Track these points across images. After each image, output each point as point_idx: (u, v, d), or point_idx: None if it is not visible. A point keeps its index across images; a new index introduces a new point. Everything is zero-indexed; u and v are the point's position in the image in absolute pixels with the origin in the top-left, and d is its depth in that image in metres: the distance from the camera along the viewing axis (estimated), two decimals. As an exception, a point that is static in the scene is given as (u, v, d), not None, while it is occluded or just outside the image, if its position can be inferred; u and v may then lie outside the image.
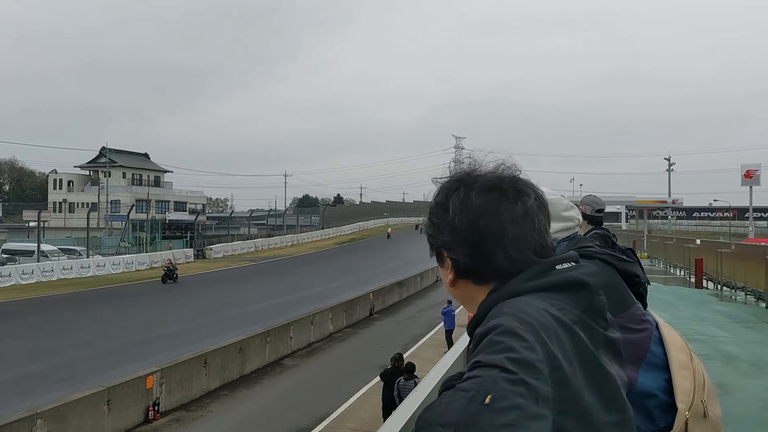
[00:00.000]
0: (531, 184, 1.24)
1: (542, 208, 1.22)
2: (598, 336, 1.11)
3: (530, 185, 1.23)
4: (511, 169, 1.24)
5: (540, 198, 1.23)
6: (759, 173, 47.36)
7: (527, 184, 1.23)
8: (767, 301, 15.67)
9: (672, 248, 29.68)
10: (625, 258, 1.99)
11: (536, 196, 1.22)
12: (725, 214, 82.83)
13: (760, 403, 7.15)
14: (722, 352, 9.96)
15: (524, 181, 1.23)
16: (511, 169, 1.24)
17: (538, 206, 1.21)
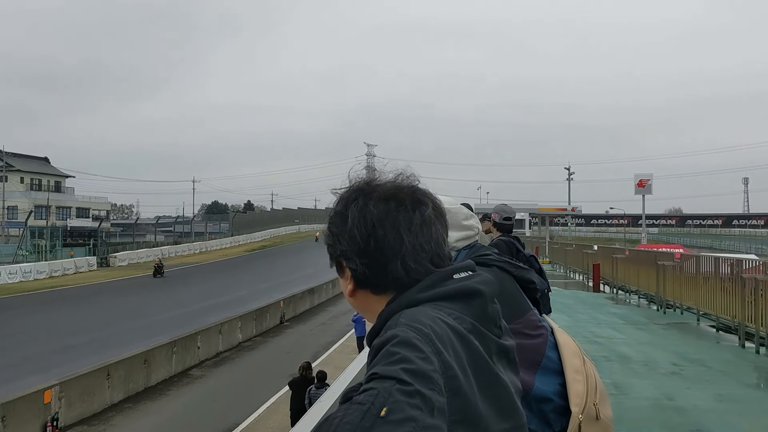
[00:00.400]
0: (429, 193, 1.24)
1: (440, 217, 1.22)
2: (492, 344, 1.12)
3: (428, 195, 1.23)
4: (410, 178, 1.25)
5: (438, 208, 1.23)
6: (651, 183, 50.10)
7: (425, 194, 1.23)
8: (658, 303, 16.61)
9: (572, 254, 30.94)
10: (522, 266, 2.04)
11: (434, 206, 1.22)
12: (620, 221, 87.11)
13: (650, 401, 7.59)
14: (618, 353, 10.52)
15: (422, 191, 1.23)
16: (410, 178, 1.25)
17: (435, 216, 1.21)
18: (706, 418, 6.94)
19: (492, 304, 1.17)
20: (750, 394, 8.20)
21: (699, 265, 14.42)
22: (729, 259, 13.25)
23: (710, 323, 13.38)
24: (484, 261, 1.95)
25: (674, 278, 15.54)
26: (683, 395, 7.83)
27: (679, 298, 15.33)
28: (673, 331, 13.19)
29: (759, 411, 7.36)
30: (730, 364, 9.82)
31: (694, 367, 9.50)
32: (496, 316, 1.17)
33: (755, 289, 11.05)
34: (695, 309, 14.18)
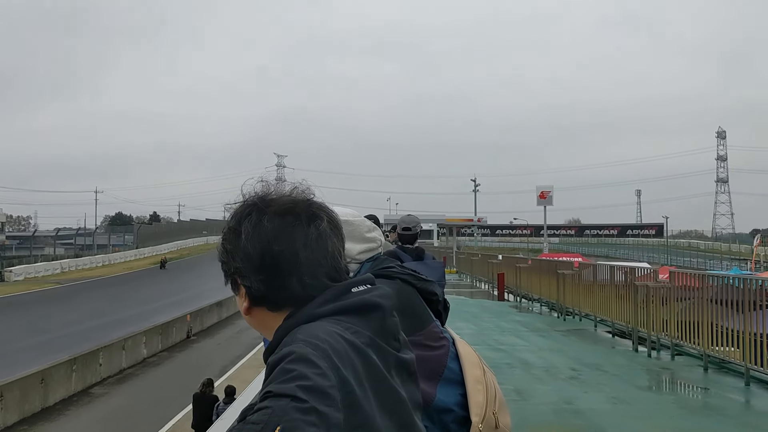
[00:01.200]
0: (325, 207, 1.23)
1: (336, 231, 1.22)
2: (391, 357, 1.12)
3: (324, 208, 1.22)
4: (305, 192, 1.23)
5: (333, 221, 1.22)
6: (552, 194, 52.19)
7: (321, 208, 1.22)
8: (558, 310, 17.32)
9: (477, 264, 31.75)
10: (425, 278, 2.03)
11: (329, 219, 1.21)
12: (524, 231, 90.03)
13: (551, 406, 7.90)
14: (520, 360, 10.90)
15: (318, 205, 1.22)
16: (305, 192, 1.23)
17: (331, 229, 1.20)
18: (602, 420, 7.32)
19: (390, 317, 1.17)
20: (642, 395, 8.70)
21: (595, 273, 15.16)
22: (623, 267, 14.02)
23: (606, 329, 14.08)
24: (387, 273, 1.95)
25: (573, 286, 16.26)
26: (581, 399, 8.23)
27: (577, 305, 16.05)
28: (572, 337, 13.79)
29: (650, 411, 7.82)
30: (624, 367, 10.39)
31: (591, 371, 9.99)
32: (394, 329, 1.17)
33: (646, 295, 11.74)
34: (593, 315, 14.87)
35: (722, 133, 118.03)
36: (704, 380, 9.37)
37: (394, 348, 1.15)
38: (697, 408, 8.21)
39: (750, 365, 8.65)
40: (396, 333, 1.17)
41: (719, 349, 9.63)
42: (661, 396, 9.12)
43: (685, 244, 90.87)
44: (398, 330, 1.19)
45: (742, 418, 7.55)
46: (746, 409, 8.02)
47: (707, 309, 9.81)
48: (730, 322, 9.35)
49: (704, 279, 10.55)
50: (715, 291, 10.14)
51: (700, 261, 65.45)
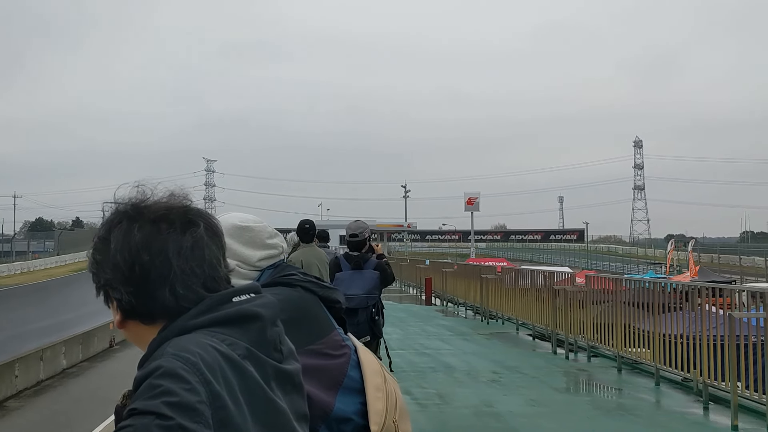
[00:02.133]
0: (203, 213, 1.18)
1: (214, 238, 1.16)
2: (270, 369, 1.09)
3: (202, 214, 1.17)
4: (181, 198, 1.17)
5: (212, 228, 1.17)
6: (479, 200, 53.32)
7: (198, 214, 1.16)
8: (482, 314, 17.68)
9: (406, 268, 32.05)
10: (327, 285, 2.03)
11: (207, 226, 1.15)
12: (452, 236, 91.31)
13: (471, 409, 8.09)
14: (444, 363, 11.11)
15: (195, 211, 1.16)
16: (181, 198, 1.17)
17: (209, 237, 1.14)
18: (519, 422, 7.55)
19: (272, 327, 1.13)
20: (559, 397, 9.01)
21: (517, 277, 15.57)
22: (543, 271, 14.45)
23: (528, 332, 14.48)
24: (287, 281, 1.94)
25: (496, 290, 16.64)
26: (501, 401, 8.45)
27: (500, 309, 16.43)
28: (494, 341, 14.12)
29: (566, 413, 8.11)
30: (543, 369, 10.71)
31: (512, 374, 10.27)
32: (276, 339, 1.13)
33: (565, 298, 12.14)
34: (515, 319, 15.26)
35: (639, 143, 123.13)
36: (618, 381, 9.76)
37: (276, 359, 1.12)
38: (610, 409, 8.55)
39: (660, 366, 9.06)
40: (278, 343, 1.14)
41: (632, 350, 10.05)
42: (577, 397, 9.47)
43: (604, 248, 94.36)
44: (280, 340, 1.15)
45: (652, 417, 7.91)
46: (656, 408, 8.40)
47: (621, 312, 10.23)
48: (642, 324, 9.78)
49: (618, 282, 11.00)
50: (630, 294, 10.59)
51: (618, 265, 67.86)
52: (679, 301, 9.44)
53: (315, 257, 7.14)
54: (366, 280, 6.15)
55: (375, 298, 6.12)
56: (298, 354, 1.87)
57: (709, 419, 7.57)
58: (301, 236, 7.53)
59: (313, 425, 1.81)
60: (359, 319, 5.90)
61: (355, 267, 6.27)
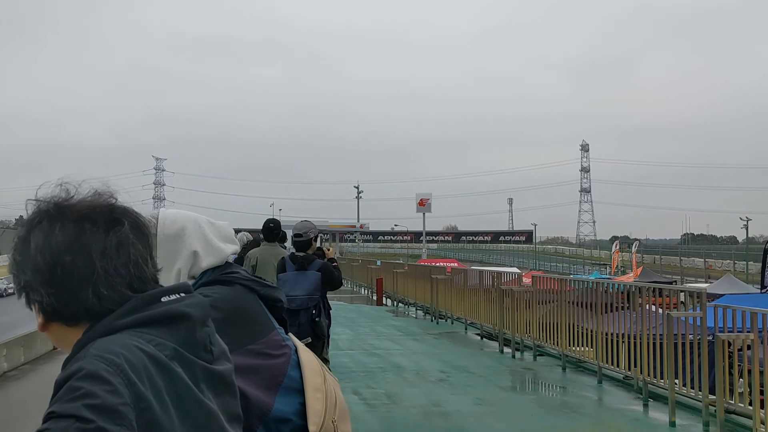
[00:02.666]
0: (130, 211, 1.14)
1: (141, 236, 1.13)
2: (200, 370, 1.07)
3: (128, 213, 1.13)
4: (106, 196, 1.13)
5: (138, 226, 1.14)
6: (430, 202, 53.82)
7: (124, 212, 1.13)
8: (432, 314, 17.81)
9: (358, 269, 32.07)
10: (269, 284, 2.03)
11: (133, 225, 1.12)
12: (404, 237, 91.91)
13: (419, 408, 8.14)
14: (393, 364, 11.15)
15: (121, 209, 1.13)
16: (106, 196, 1.13)
17: (135, 235, 1.11)
18: (466, 421, 7.63)
19: (202, 327, 1.12)
20: (505, 396, 9.13)
21: (466, 278, 15.73)
22: (491, 272, 14.63)
23: (476, 332, 14.65)
24: (228, 279, 1.94)
25: (446, 290, 16.78)
26: (448, 401, 8.53)
27: (450, 309, 16.58)
28: (443, 340, 14.24)
29: (511, 411, 8.23)
30: (490, 369, 10.85)
31: (459, 373, 10.37)
32: (206, 340, 1.12)
33: (512, 299, 12.32)
34: (464, 318, 15.42)
35: (585, 146, 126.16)
36: (562, 379, 9.96)
37: (206, 360, 1.10)
38: (554, 407, 8.71)
39: (602, 364, 9.28)
40: (207, 344, 1.12)
41: (576, 349, 10.26)
42: (522, 396, 9.63)
43: (552, 249, 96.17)
44: (211, 341, 1.14)
45: (594, 415, 8.09)
46: (598, 406, 8.60)
47: (566, 311, 10.44)
48: (586, 324, 9.99)
49: (563, 283, 11.23)
50: (575, 294, 10.82)
51: (565, 266, 69.27)
52: (621, 301, 9.69)
53: (273, 256, 7.14)
54: (308, 281, 6.14)
55: (316, 300, 6.10)
56: (236, 354, 1.85)
57: (648, 416, 7.79)
58: (265, 235, 7.61)
59: (252, 426, 1.81)
60: (300, 320, 5.89)
61: (300, 268, 6.25)
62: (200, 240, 1.98)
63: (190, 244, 1.96)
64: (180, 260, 1.95)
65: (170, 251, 1.93)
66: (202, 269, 1.98)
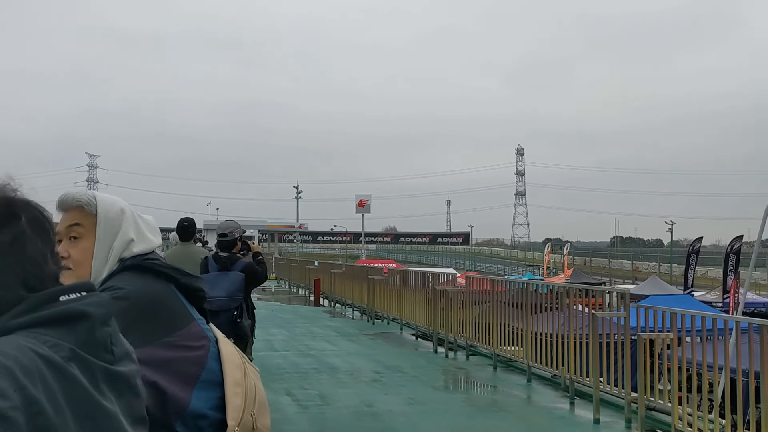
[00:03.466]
0: (31, 205, 1.07)
1: (41, 231, 1.06)
2: (99, 371, 1.02)
3: (29, 207, 1.06)
4: (6, 189, 1.06)
5: (38, 221, 1.07)
6: (370, 203, 53.90)
7: (24, 206, 1.06)
8: (368, 314, 17.86)
9: (296, 270, 31.90)
10: (190, 273, 1.97)
11: (32, 219, 1.05)
12: (344, 237, 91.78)
13: (351, 409, 8.14)
14: (327, 364, 11.12)
15: (20, 203, 1.06)
16: (6, 189, 1.06)
17: (33, 231, 1.04)
18: (397, 421, 7.67)
19: (102, 327, 1.06)
20: (437, 395, 9.22)
21: (402, 278, 15.84)
22: (427, 272, 14.77)
23: (411, 332, 14.75)
24: (147, 265, 1.90)
25: (382, 291, 16.85)
26: (381, 401, 8.56)
27: (386, 310, 16.65)
28: (379, 341, 14.28)
29: (442, 410, 8.31)
30: (423, 368, 10.94)
31: (393, 373, 10.42)
32: (106, 340, 1.06)
33: (446, 299, 12.47)
34: (399, 319, 15.51)
35: (521, 150, 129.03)
36: (493, 378, 10.12)
37: (106, 360, 1.04)
38: (484, 405, 8.85)
39: (532, 363, 9.48)
40: (108, 344, 1.07)
41: (507, 348, 10.45)
42: (454, 395, 9.75)
43: (487, 251, 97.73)
44: (113, 341, 1.08)
45: (522, 413, 8.25)
46: (527, 404, 8.77)
47: (497, 312, 10.62)
48: (517, 324, 10.19)
49: (495, 283, 11.42)
50: (507, 295, 11.02)
51: (500, 267, 70.52)
52: (551, 302, 9.93)
53: (186, 255, 6.99)
54: (230, 281, 6.06)
55: (238, 301, 6.03)
56: (151, 346, 1.79)
57: (574, 414, 7.99)
58: (179, 234, 7.43)
59: (169, 422, 1.77)
60: (221, 320, 5.79)
61: (223, 268, 6.17)
62: (134, 226, 1.97)
63: (127, 228, 1.95)
64: (117, 242, 1.92)
65: (109, 233, 1.91)
66: (133, 254, 1.93)
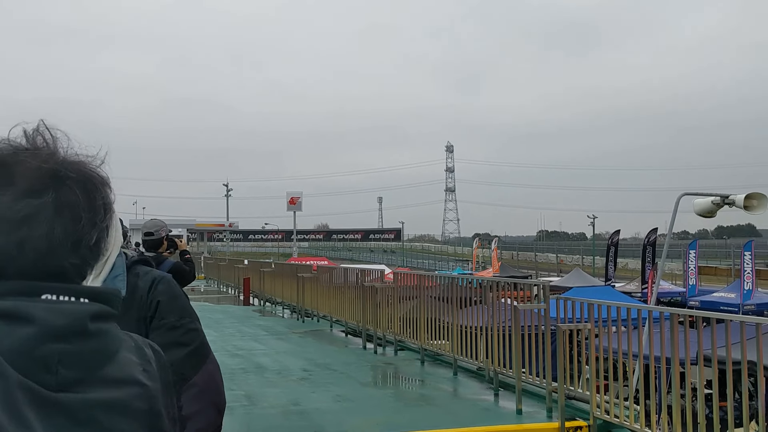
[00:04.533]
0: (77, 182, 0.94)
1: (72, 217, 0.92)
2: (24, 391, 0.84)
3: (71, 183, 0.93)
4: (53, 157, 0.93)
5: (73, 205, 0.93)
6: (301, 200, 53.58)
7: (61, 182, 0.92)
8: (298, 313, 17.77)
9: (225, 269, 31.43)
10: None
11: (66, 201, 0.91)
12: (275, 235, 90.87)
13: (278, 408, 8.06)
14: (256, 364, 11.00)
15: (61, 176, 0.92)
16: (53, 157, 0.93)
17: (61, 212, 0.91)
18: (324, 418, 7.65)
19: (54, 342, 0.87)
20: (364, 392, 9.25)
21: (332, 275, 15.81)
22: (356, 269, 14.78)
23: (342, 329, 14.74)
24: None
25: (312, 289, 16.78)
26: (308, 399, 8.52)
27: (316, 307, 16.59)
28: (308, 339, 14.22)
29: (370, 406, 8.34)
30: (352, 365, 10.95)
31: (321, 371, 10.39)
32: (51, 358, 0.87)
33: (375, 295, 12.51)
34: (329, 316, 15.48)
35: (450, 147, 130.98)
36: (420, 373, 10.22)
37: (43, 383, 0.86)
38: (411, 400, 8.93)
39: (458, 356, 9.62)
40: (53, 364, 0.88)
41: (434, 343, 10.57)
42: (382, 390, 9.79)
43: (419, 247, 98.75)
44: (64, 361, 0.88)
45: (448, 406, 8.35)
46: (453, 397, 8.89)
47: (425, 307, 10.72)
48: (445, 318, 10.32)
49: (422, 278, 11.54)
50: (436, 289, 11.13)
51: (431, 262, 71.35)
52: (478, 296, 10.10)
53: None
54: None
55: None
56: None
57: (498, 405, 8.15)
58: None
59: None
60: None
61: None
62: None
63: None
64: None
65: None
66: None
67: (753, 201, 9.03)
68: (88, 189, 0.94)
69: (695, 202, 9.60)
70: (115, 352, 0.93)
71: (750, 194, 9.12)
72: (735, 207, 9.15)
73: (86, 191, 0.94)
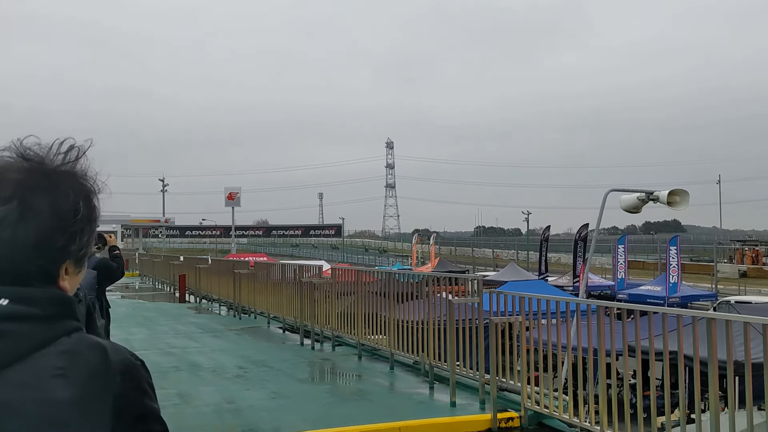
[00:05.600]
0: (48, 187, 0.97)
1: (38, 222, 0.96)
2: None
3: (39, 187, 0.96)
4: (38, 160, 0.98)
5: (38, 210, 0.96)
6: (240, 195, 52.84)
7: (29, 186, 0.96)
8: (235, 310, 17.56)
9: (160, 265, 30.75)
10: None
11: (29, 205, 0.95)
12: (213, 231, 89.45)
13: (212, 407, 7.93)
14: (189, 362, 10.81)
15: (26, 181, 0.96)
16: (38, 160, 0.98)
17: (25, 216, 0.94)
18: (259, 416, 7.58)
19: None
20: (301, 388, 9.19)
21: (269, 272, 15.68)
22: (293, 265, 14.69)
23: (279, 325, 14.64)
24: None
25: (249, 285, 16.60)
26: (243, 397, 8.42)
27: (253, 304, 16.43)
28: (245, 336, 14.07)
29: (306, 402, 8.29)
30: (289, 362, 10.88)
31: (257, 368, 10.29)
32: None
33: (312, 291, 12.46)
34: (267, 313, 15.35)
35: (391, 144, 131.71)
36: (358, 368, 10.24)
37: None
38: (347, 395, 8.94)
39: (394, 351, 9.68)
40: None
41: (372, 337, 10.61)
42: (318, 386, 9.76)
43: (359, 243, 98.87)
44: None
45: (384, 400, 8.39)
46: (389, 391, 8.95)
47: (362, 302, 10.74)
48: (383, 313, 10.35)
49: (359, 274, 11.55)
50: (375, 285, 11.15)
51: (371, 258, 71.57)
52: (416, 290, 10.16)
53: None
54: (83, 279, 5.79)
55: (91, 299, 5.78)
56: None
57: (433, 398, 8.24)
58: None
59: None
60: None
61: None
62: None
63: None
64: None
65: None
66: None
67: (676, 197, 9.39)
68: (57, 196, 0.99)
69: (621, 198, 9.92)
70: (23, 355, 0.92)
71: (673, 190, 9.48)
72: (659, 203, 9.49)
73: (54, 198, 0.98)
